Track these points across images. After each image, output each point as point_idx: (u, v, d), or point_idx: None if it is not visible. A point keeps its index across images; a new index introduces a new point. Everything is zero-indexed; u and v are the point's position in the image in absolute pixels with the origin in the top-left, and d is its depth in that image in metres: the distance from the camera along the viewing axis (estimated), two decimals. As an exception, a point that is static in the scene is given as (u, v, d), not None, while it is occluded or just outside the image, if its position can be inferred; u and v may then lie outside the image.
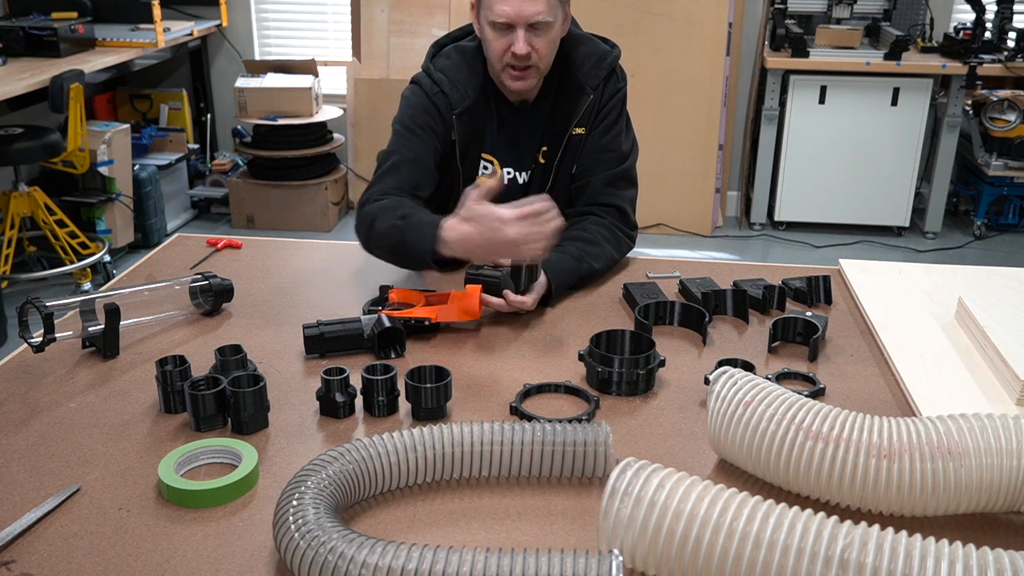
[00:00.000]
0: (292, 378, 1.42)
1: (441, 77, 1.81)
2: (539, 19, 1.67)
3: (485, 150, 1.88)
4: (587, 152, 1.86)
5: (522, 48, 1.69)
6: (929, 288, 1.74)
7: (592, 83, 1.82)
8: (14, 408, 1.33)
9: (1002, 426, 1.06)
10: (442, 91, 1.80)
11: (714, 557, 0.92)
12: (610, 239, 1.81)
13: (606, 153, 1.86)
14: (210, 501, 1.11)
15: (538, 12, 1.67)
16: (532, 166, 1.89)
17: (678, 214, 4.87)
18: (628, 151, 1.89)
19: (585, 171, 1.87)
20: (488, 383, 1.42)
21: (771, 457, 1.11)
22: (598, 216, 1.84)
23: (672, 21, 4.56)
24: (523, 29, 1.68)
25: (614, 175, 1.86)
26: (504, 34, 1.70)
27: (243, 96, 4.70)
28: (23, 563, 1.01)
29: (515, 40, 1.69)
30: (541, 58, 1.73)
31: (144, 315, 1.58)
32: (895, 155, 4.67)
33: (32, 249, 4.19)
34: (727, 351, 1.53)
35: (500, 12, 1.67)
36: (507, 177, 1.90)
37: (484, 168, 1.88)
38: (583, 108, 1.82)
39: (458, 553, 0.90)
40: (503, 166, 1.89)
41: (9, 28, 4.09)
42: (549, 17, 1.69)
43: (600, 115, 1.85)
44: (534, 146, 1.88)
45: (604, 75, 1.84)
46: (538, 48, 1.71)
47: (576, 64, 1.83)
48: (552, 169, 1.87)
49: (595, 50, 1.85)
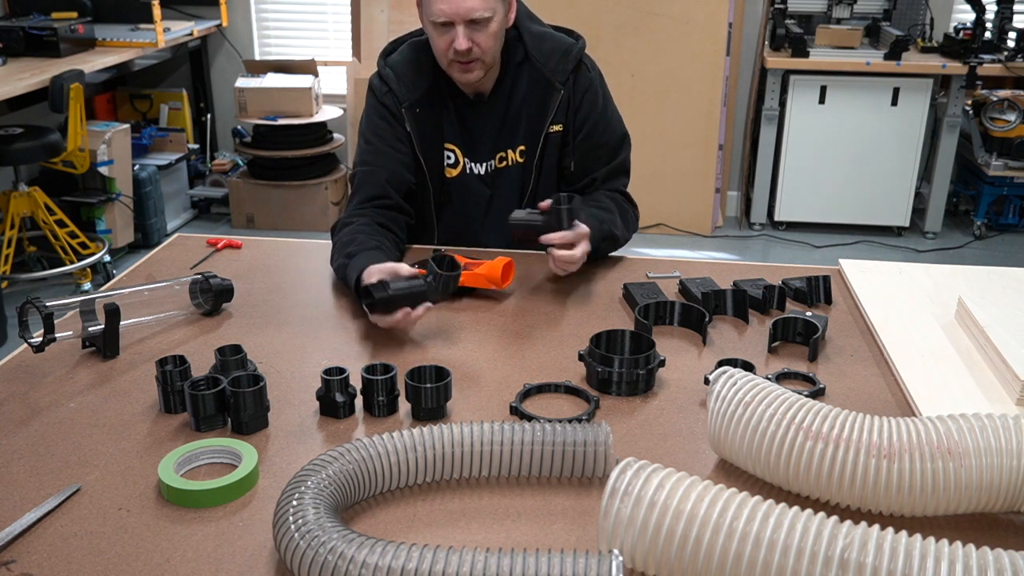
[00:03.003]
0: (292, 378, 1.42)
1: (389, 73, 1.86)
2: (477, 15, 1.71)
3: (447, 140, 1.91)
4: (581, 152, 1.90)
5: (463, 44, 1.72)
6: (929, 288, 1.74)
7: (560, 78, 1.85)
8: (14, 408, 1.33)
9: (1002, 426, 1.06)
10: (390, 88, 1.85)
11: (714, 557, 0.92)
12: (620, 212, 1.89)
13: (599, 149, 1.91)
14: (210, 501, 1.11)
15: (474, 9, 1.70)
16: (492, 160, 1.92)
17: (678, 214, 4.87)
18: (620, 141, 1.94)
19: (584, 170, 1.92)
20: (488, 383, 1.42)
21: (771, 457, 1.11)
22: (607, 192, 1.92)
23: (672, 21, 4.56)
24: (462, 26, 1.71)
25: (614, 168, 1.94)
26: (445, 32, 1.74)
27: (243, 96, 4.70)
28: (23, 563, 1.01)
29: (456, 37, 1.72)
30: (484, 52, 1.76)
31: (144, 315, 1.58)
32: (895, 155, 4.67)
33: (32, 249, 4.19)
34: (727, 351, 1.53)
35: (438, 11, 1.71)
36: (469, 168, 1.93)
37: (448, 157, 1.91)
38: (555, 105, 1.85)
39: (458, 553, 0.90)
40: (465, 156, 1.92)
41: (9, 28, 4.09)
42: (487, 12, 1.72)
43: (579, 111, 1.88)
44: (491, 140, 1.91)
45: (571, 68, 1.86)
46: (480, 43, 1.74)
47: (541, 61, 1.85)
48: (532, 169, 1.90)
49: (558, 45, 1.88)
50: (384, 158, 1.85)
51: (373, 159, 1.86)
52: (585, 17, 4.48)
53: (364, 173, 1.86)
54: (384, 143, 1.86)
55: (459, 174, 1.92)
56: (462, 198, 1.94)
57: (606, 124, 1.91)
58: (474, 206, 1.95)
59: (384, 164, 1.85)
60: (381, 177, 1.84)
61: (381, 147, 1.86)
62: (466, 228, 1.96)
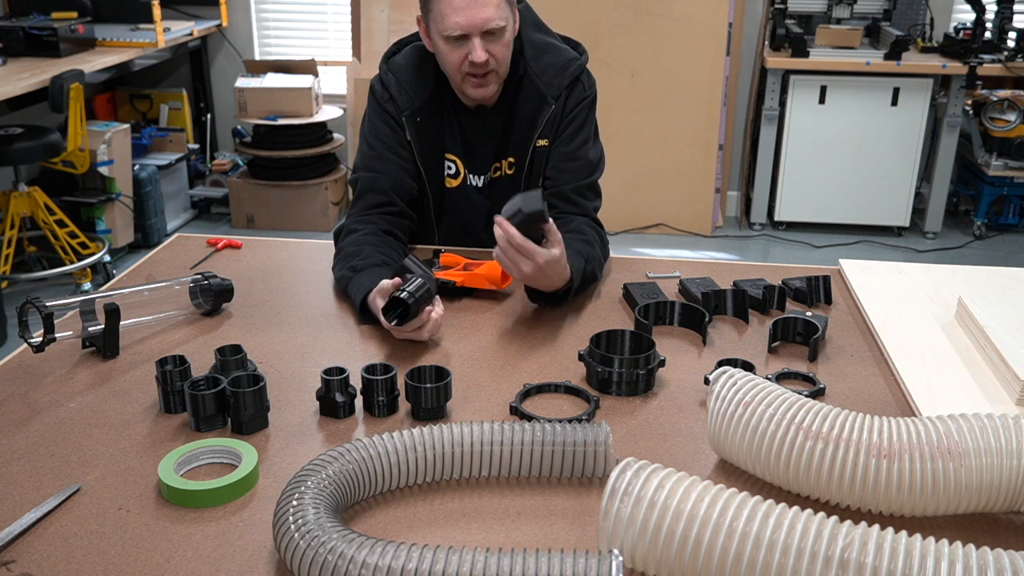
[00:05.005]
0: (292, 378, 1.42)
1: (390, 79, 1.83)
2: (492, 25, 1.68)
3: (448, 150, 1.88)
4: (554, 160, 1.84)
5: (480, 56, 1.69)
6: (929, 288, 1.74)
7: (554, 92, 1.81)
8: (14, 408, 1.33)
9: (1002, 426, 1.06)
10: (391, 95, 1.82)
11: (714, 557, 0.92)
12: (601, 244, 1.80)
13: (573, 161, 1.84)
14: (210, 501, 1.11)
15: (490, 19, 1.67)
16: (488, 172, 1.89)
17: (678, 214, 4.87)
18: (596, 161, 1.87)
19: (553, 180, 1.85)
20: (488, 383, 1.42)
21: (771, 457, 1.11)
22: (583, 218, 1.82)
23: (672, 21, 4.56)
24: (478, 37, 1.69)
25: (584, 186, 1.85)
26: (459, 45, 1.70)
27: (243, 96, 4.70)
28: (23, 563, 1.01)
29: (472, 49, 1.69)
30: (499, 63, 1.74)
31: (144, 315, 1.58)
32: (895, 155, 4.67)
33: (32, 249, 4.19)
34: (727, 351, 1.53)
35: (453, 25, 1.67)
36: (468, 180, 1.90)
37: (448, 168, 1.89)
38: (545, 119, 1.81)
39: (458, 553, 0.90)
40: (465, 167, 1.90)
41: (9, 28, 4.09)
42: (501, 22, 1.69)
43: (563, 123, 1.83)
44: (490, 152, 1.88)
45: (566, 83, 1.82)
46: (495, 53, 1.71)
47: (538, 74, 1.82)
48: (520, 181, 1.87)
49: (559, 59, 1.83)
50: (387, 163, 1.83)
51: (377, 164, 1.83)
52: (585, 17, 4.48)
53: (368, 179, 1.83)
54: (387, 148, 1.83)
55: (459, 184, 1.90)
56: (462, 209, 1.92)
57: (587, 138, 1.85)
58: (474, 216, 1.92)
59: (387, 170, 1.83)
60: (385, 184, 1.81)
61: (383, 152, 1.83)
62: (465, 237, 1.94)
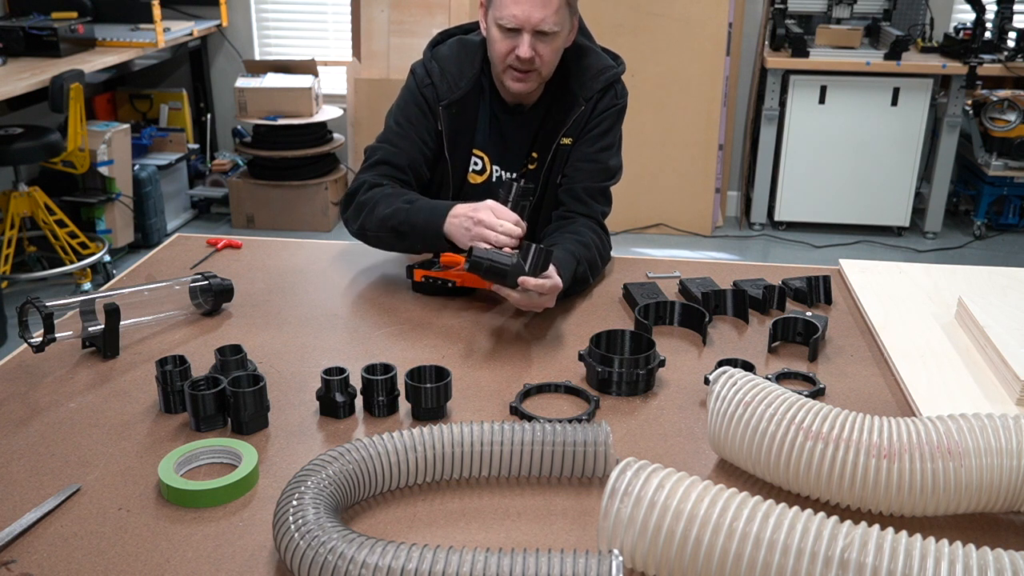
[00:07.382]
0: (292, 378, 1.42)
1: (434, 67, 1.83)
2: (546, 27, 1.68)
3: (477, 145, 1.88)
4: (573, 159, 1.84)
5: (526, 52, 1.69)
6: (929, 288, 1.74)
7: (586, 95, 1.81)
8: (14, 408, 1.33)
9: (1002, 426, 1.06)
10: (432, 82, 1.81)
11: (714, 557, 0.92)
12: (599, 247, 1.79)
13: (591, 163, 1.83)
14: (210, 501, 1.11)
15: (546, 20, 1.67)
16: (519, 169, 1.89)
17: (678, 214, 4.87)
18: (614, 169, 1.87)
19: (568, 177, 1.84)
20: (488, 383, 1.42)
21: (771, 457, 1.11)
22: (587, 219, 1.81)
23: (672, 21, 4.56)
24: (529, 34, 1.68)
25: (596, 188, 1.84)
26: (510, 37, 1.70)
27: (243, 96, 4.70)
28: (23, 563, 1.01)
29: (520, 44, 1.69)
30: (544, 64, 1.73)
31: (144, 315, 1.58)
32: (895, 155, 4.67)
33: (32, 249, 4.19)
34: (727, 351, 1.53)
35: (509, 16, 1.67)
36: (496, 175, 1.89)
37: (475, 163, 1.89)
38: (572, 118, 1.81)
39: (458, 553, 0.90)
40: (493, 163, 1.89)
41: (9, 28, 4.09)
42: (556, 27, 1.69)
43: (590, 125, 1.82)
44: (523, 150, 1.88)
45: (599, 88, 1.81)
46: (542, 54, 1.71)
47: (574, 74, 1.82)
48: (541, 177, 1.86)
49: (596, 63, 1.84)
50: (410, 144, 1.81)
51: (399, 142, 1.82)
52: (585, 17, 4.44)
53: (388, 151, 1.81)
54: (413, 130, 1.82)
55: (484, 181, 1.89)
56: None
57: (610, 145, 1.85)
58: None
59: (408, 149, 1.81)
60: (403, 160, 1.80)
61: (409, 133, 1.82)
62: None
